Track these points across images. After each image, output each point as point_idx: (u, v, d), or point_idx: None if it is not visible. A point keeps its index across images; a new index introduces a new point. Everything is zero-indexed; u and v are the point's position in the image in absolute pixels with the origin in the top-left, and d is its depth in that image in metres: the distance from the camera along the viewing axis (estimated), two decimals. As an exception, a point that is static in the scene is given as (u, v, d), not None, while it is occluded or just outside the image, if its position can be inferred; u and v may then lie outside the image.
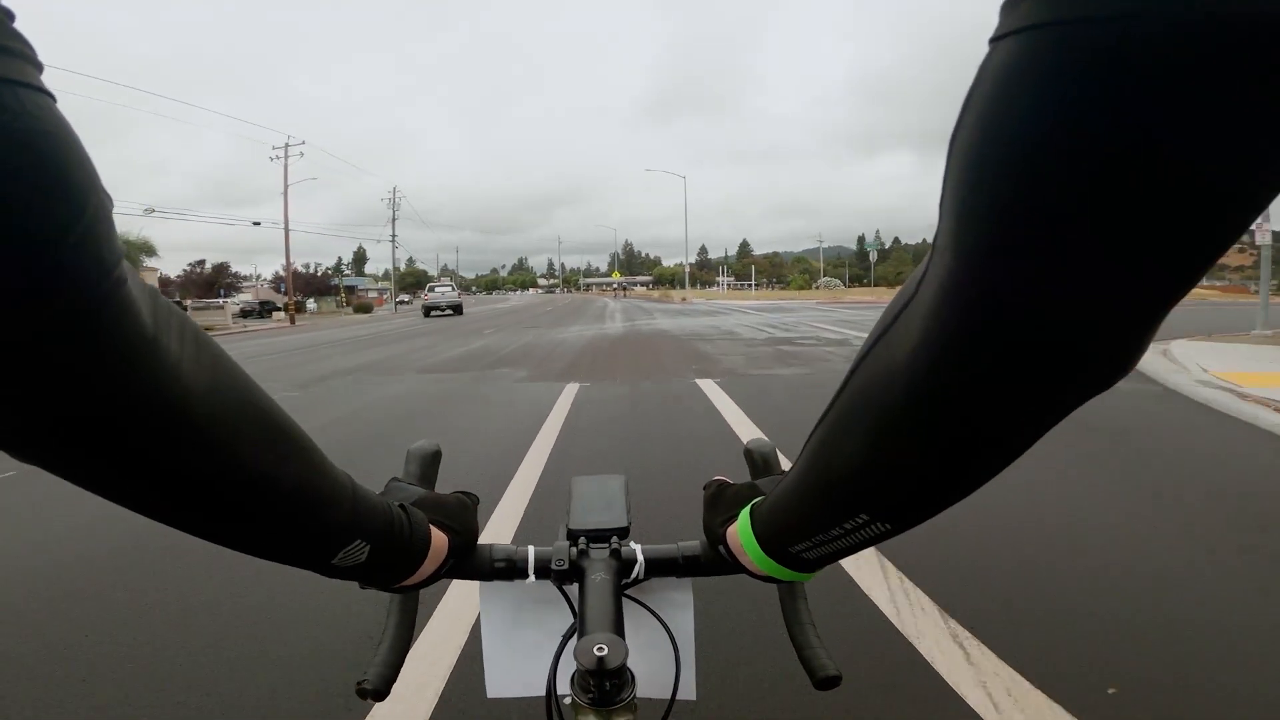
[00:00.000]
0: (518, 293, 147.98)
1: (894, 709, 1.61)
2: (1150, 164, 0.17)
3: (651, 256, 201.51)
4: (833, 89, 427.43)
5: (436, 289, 33.25)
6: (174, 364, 0.26)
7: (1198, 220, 0.19)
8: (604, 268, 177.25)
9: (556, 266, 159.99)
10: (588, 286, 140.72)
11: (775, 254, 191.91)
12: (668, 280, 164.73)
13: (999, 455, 0.29)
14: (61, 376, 0.23)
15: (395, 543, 0.43)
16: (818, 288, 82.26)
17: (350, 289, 62.73)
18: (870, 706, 1.61)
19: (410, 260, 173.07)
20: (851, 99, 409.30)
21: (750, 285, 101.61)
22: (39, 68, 0.21)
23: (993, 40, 0.19)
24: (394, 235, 58.37)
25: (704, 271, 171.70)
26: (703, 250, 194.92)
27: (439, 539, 0.48)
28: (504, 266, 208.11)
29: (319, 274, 50.66)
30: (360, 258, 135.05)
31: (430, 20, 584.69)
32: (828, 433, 0.35)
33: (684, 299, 44.83)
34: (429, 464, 0.58)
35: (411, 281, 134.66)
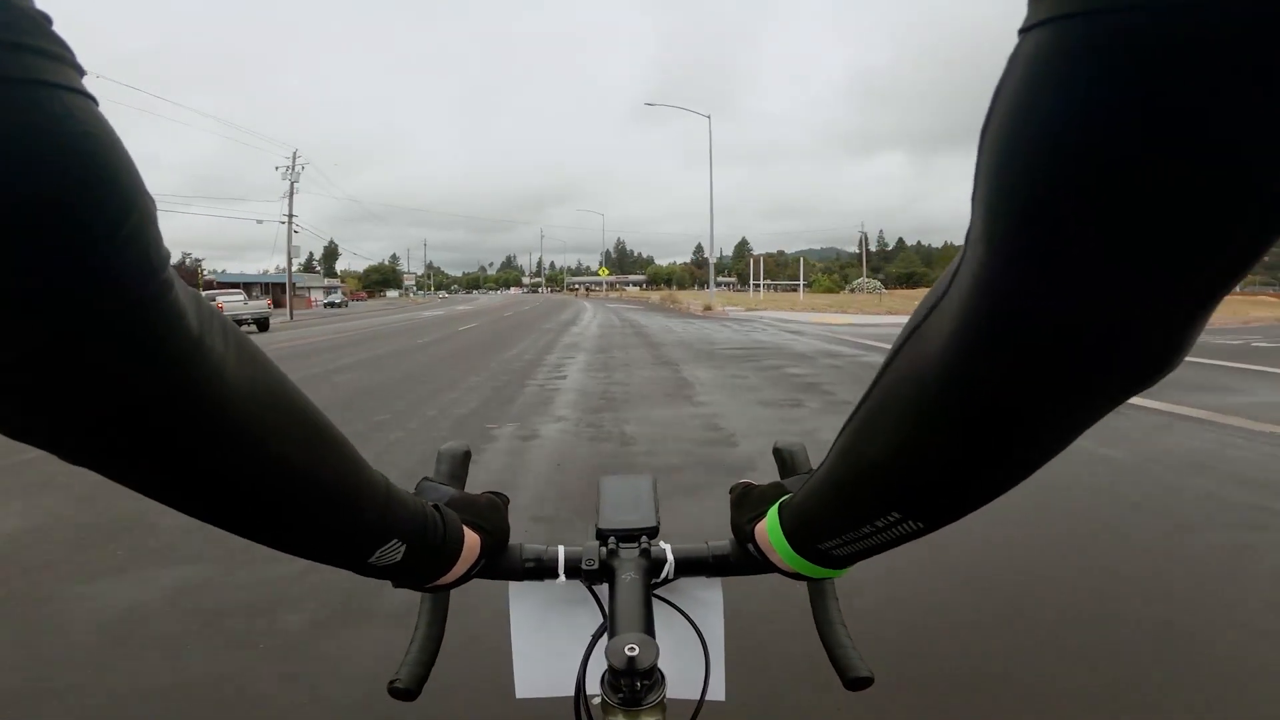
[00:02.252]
0: (491, 292, 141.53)
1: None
2: (1187, 154, 0.17)
3: (644, 255, 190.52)
4: (828, 89, 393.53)
5: (223, 298, 22.16)
6: (218, 364, 0.26)
7: (1243, 211, 0.18)
8: (595, 266, 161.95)
9: (540, 264, 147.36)
10: (574, 286, 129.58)
11: (781, 252, 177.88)
12: (664, 280, 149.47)
13: (1034, 453, 0.28)
14: (111, 375, 0.23)
15: (429, 543, 0.43)
16: (852, 290, 65.44)
17: (273, 287, 48.08)
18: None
19: (394, 257, 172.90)
20: (847, 99, 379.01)
21: (773, 285, 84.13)
22: (80, 71, 0.21)
23: (1022, 31, 0.19)
24: (290, 214, 41.56)
25: (702, 270, 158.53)
26: (698, 249, 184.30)
27: (471, 539, 0.48)
28: (491, 265, 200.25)
29: (183, 264, 33.49)
30: (331, 253, 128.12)
31: (420, 15, 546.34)
32: (859, 429, 0.34)
33: (709, 308, 27.97)
34: (459, 464, 0.58)
35: (376, 279, 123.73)
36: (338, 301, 50.77)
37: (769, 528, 0.47)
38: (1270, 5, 0.15)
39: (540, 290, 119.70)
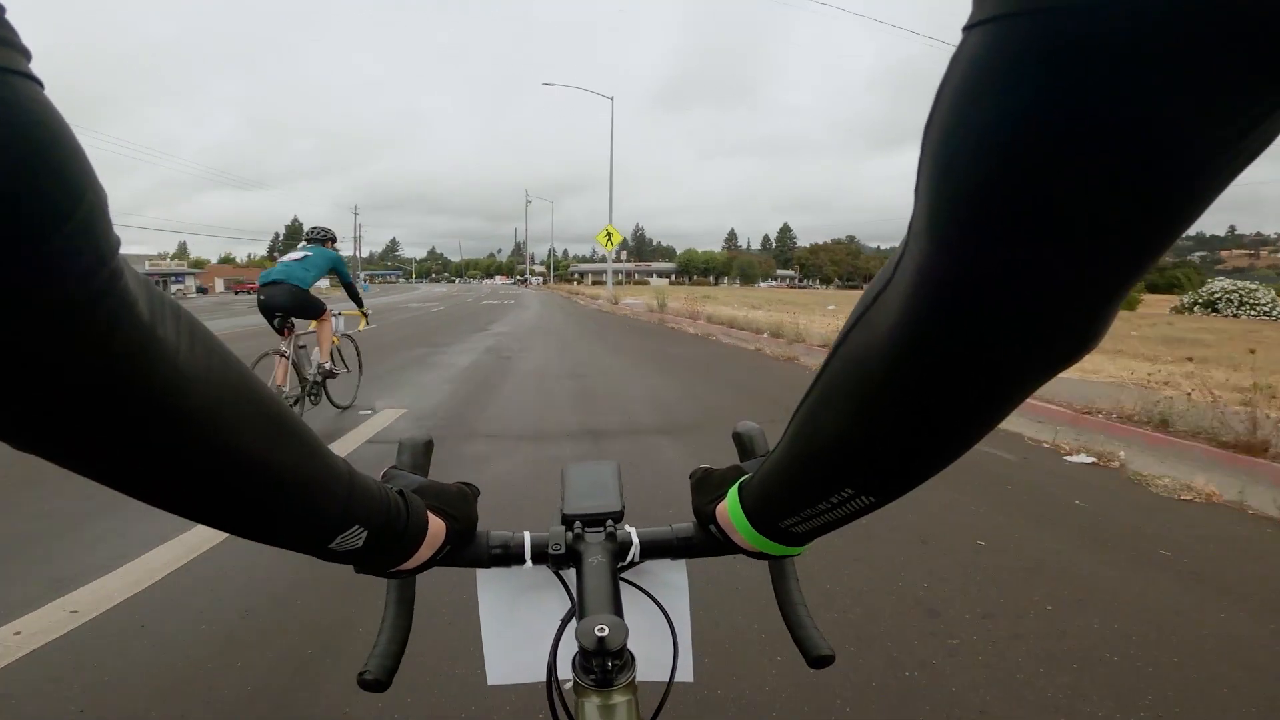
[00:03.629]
0: (455, 282, 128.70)
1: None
2: (1112, 150, 0.18)
3: (665, 244, 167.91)
4: (854, 80, 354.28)
5: None
6: (170, 353, 0.26)
7: (1159, 204, 0.19)
8: (613, 254, 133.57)
9: (529, 252, 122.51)
10: (580, 275, 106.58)
11: (852, 238, 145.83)
12: (699, 268, 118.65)
13: (974, 427, 0.30)
14: (59, 366, 0.22)
15: (392, 528, 0.44)
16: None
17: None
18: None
19: (394, 242, 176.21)
20: (873, 90, 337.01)
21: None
22: (26, 55, 0.20)
23: (965, 29, 0.19)
24: None
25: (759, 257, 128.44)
26: (732, 235, 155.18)
27: (436, 525, 0.49)
28: (500, 251, 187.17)
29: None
30: (295, 232, 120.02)
31: (441, 4, 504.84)
32: (811, 410, 0.36)
33: None
34: (421, 454, 0.58)
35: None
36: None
37: (730, 508, 0.48)
38: (1206, 10, 0.15)
39: (528, 282, 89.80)
